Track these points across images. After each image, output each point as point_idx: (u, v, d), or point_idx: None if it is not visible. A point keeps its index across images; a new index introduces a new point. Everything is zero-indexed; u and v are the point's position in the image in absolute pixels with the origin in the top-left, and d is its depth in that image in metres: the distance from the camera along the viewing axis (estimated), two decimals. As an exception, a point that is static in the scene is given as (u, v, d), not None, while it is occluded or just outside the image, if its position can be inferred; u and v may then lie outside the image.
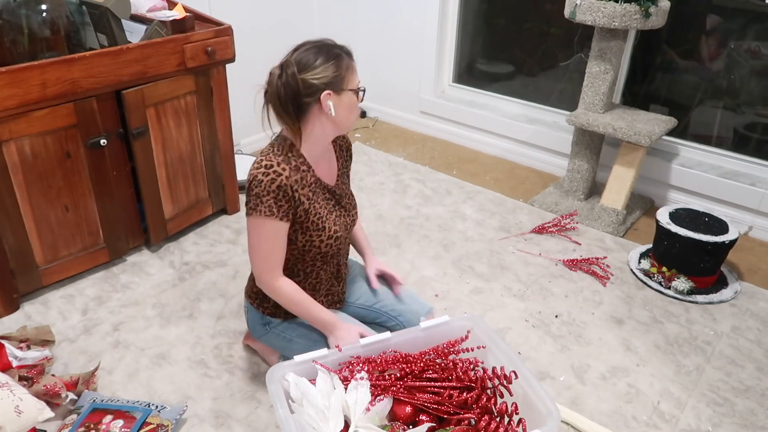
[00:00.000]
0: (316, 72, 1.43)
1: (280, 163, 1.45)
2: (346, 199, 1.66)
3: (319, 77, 1.43)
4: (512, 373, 1.35)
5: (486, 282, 2.25)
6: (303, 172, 1.51)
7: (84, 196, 2.05)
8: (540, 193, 2.91)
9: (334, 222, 1.58)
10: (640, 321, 2.08)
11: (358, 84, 1.49)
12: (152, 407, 1.59)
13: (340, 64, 1.44)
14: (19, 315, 1.99)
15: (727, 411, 1.73)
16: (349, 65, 1.46)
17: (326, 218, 1.56)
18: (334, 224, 1.58)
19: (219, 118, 2.37)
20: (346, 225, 1.65)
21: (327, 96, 1.44)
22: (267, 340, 1.71)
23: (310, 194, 1.52)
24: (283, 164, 1.46)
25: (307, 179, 1.52)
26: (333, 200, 1.61)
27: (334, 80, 1.44)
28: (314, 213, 1.53)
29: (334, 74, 1.43)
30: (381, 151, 3.34)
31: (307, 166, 1.52)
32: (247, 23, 2.90)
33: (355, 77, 1.48)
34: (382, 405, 1.32)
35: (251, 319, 1.71)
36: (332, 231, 1.57)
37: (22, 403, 1.43)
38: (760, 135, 2.66)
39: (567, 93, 3.14)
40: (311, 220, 1.53)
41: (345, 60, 1.45)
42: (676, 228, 2.20)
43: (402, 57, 3.51)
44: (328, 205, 1.59)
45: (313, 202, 1.53)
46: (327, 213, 1.57)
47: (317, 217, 1.54)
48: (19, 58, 1.89)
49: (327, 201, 1.59)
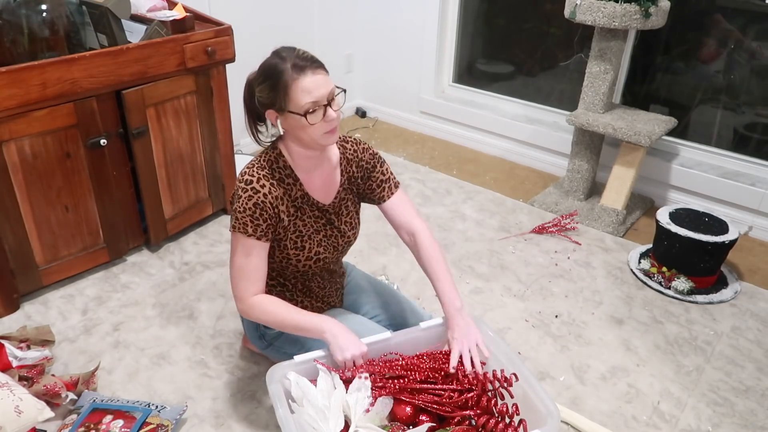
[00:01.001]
0: (259, 90, 1.38)
1: (260, 179, 1.39)
2: (343, 218, 1.55)
3: (260, 96, 1.38)
4: (513, 375, 1.35)
5: (486, 282, 2.25)
6: (288, 186, 1.44)
7: (84, 196, 2.05)
8: (540, 193, 2.91)
9: (318, 243, 1.50)
10: (640, 321, 2.08)
11: (310, 102, 1.31)
12: (152, 407, 1.59)
13: (276, 84, 1.32)
14: (19, 315, 1.99)
15: (727, 411, 1.73)
16: (291, 84, 1.31)
17: (309, 238, 1.49)
18: (318, 245, 1.50)
19: (219, 118, 2.37)
20: (337, 246, 1.55)
21: (271, 115, 1.39)
22: (270, 354, 1.69)
23: (293, 210, 1.45)
24: (264, 180, 1.39)
25: (292, 193, 1.45)
26: (323, 219, 1.52)
27: (274, 102, 1.35)
28: (293, 230, 1.46)
29: (271, 97, 1.35)
30: (381, 151, 3.34)
31: (293, 179, 1.45)
32: (247, 23, 2.90)
33: (301, 96, 1.31)
34: (382, 405, 1.32)
35: (249, 332, 1.70)
36: (313, 252, 1.50)
37: (22, 403, 1.43)
38: (760, 135, 2.66)
39: (567, 93, 3.14)
40: (289, 237, 1.46)
41: (285, 79, 1.31)
42: (676, 228, 2.20)
43: (402, 57, 3.51)
44: (315, 223, 1.50)
45: (295, 219, 1.46)
46: (312, 232, 1.49)
47: (296, 235, 1.47)
48: (19, 58, 1.89)
49: (315, 219, 1.50)
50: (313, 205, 1.49)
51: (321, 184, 1.50)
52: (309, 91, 1.31)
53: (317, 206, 1.50)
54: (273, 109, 1.37)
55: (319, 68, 1.34)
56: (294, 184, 1.45)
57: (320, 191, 1.51)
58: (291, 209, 1.45)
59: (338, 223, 1.55)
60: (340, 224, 1.55)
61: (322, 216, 1.51)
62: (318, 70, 1.33)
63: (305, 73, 1.31)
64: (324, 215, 1.52)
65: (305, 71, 1.31)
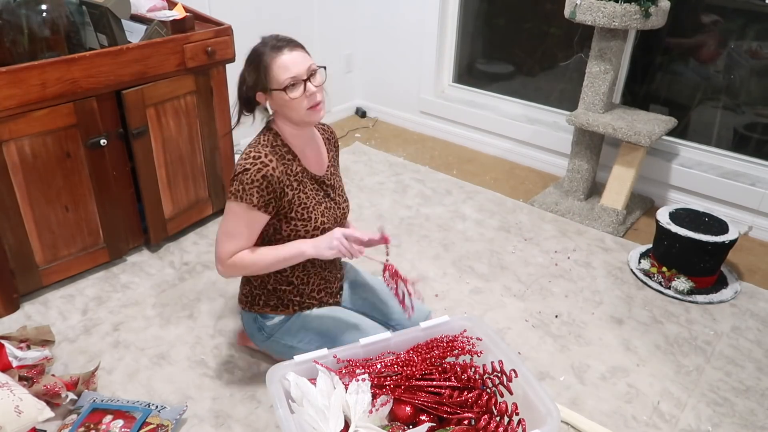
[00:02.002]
0: (247, 74, 1.48)
1: (267, 155, 1.46)
2: (336, 191, 1.65)
3: (248, 79, 1.47)
4: (512, 371, 1.36)
5: (486, 282, 2.25)
6: (288, 161, 1.52)
7: (84, 196, 2.05)
8: (540, 193, 2.91)
9: (322, 213, 1.57)
10: (640, 321, 2.08)
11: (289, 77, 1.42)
12: (152, 407, 1.59)
13: (258, 65, 1.44)
14: (19, 315, 1.99)
15: (727, 411, 1.73)
16: (270, 63, 1.43)
17: (313, 209, 1.55)
18: (322, 215, 1.57)
19: (219, 118, 2.37)
20: (336, 217, 1.63)
21: (260, 97, 1.49)
22: (269, 348, 1.70)
23: (295, 184, 1.52)
24: (270, 155, 1.47)
25: (293, 168, 1.52)
26: (322, 191, 1.60)
27: (258, 83, 1.46)
28: (299, 203, 1.52)
29: (255, 78, 1.46)
30: (381, 151, 3.34)
31: (292, 155, 1.53)
32: (247, 23, 2.90)
33: (280, 72, 1.43)
34: (382, 405, 1.32)
35: (248, 326, 1.72)
36: (319, 222, 1.56)
37: (22, 403, 1.43)
38: (760, 135, 2.66)
39: (567, 93, 3.14)
40: (295, 210, 1.52)
41: (265, 59, 1.43)
42: (676, 228, 2.20)
43: (402, 57, 3.51)
44: (316, 195, 1.58)
45: (298, 192, 1.52)
46: (315, 204, 1.56)
47: (302, 207, 1.53)
48: (19, 58, 1.89)
49: (315, 192, 1.58)
50: (312, 179, 1.58)
51: (314, 157, 1.61)
52: (287, 67, 1.42)
53: (315, 179, 1.59)
54: (260, 90, 1.47)
55: (297, 47, 1.46)
56: (294, 159, 1.53)
57: (315, 164, 1.60)
58: (294, 183, 1.52)
59: (333, 195, 1.64)
60: (335, 196, 1.64)
61: (320, 188, 1.60)
62: (295, 49, 1.45)
63: (282, 52, 1.43)
64: (321, 187, 1.60)
65: (282, 50, 1.43)
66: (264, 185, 1.44)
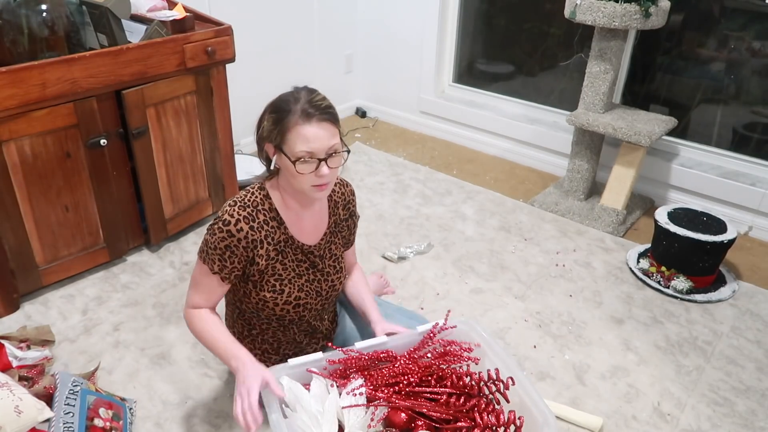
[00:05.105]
0: (266, 119, 1.36)
1: (239, 221, 1.36)
2: (327, 261, 1.52)
3: (265, 126, 1.36)
4: (509, 379, 1.34)
5: (486, 282, 2.26)
6: (271, 229, 1.41)
7: (84, 196, 2.05)
8: (540, 193, 2.91)
9: (300, 287, 1.46)
10: (640, 321, 2.08)
11: (305, 151, 1.29)
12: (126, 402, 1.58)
13: (280, 121, 1.31)
14: (19, 315, 1.99)
15: (727, 411, 1.73)
16: (291, 128, 1.29)
17: (289, 281, 1.45)
18: (300, 290, 1.46)
19: (219, 118, 2.37)
20: (320, 291, 1.51)
21: (269, 148, 1.37)
22: None
23: (273, 253, 1.42)
24: (242, 222, 1.36)
25: (274, 237, 1.41)
26: (307, 262, 1.48)
27: (272, 136, 1.34)
28: (272, 273, 1.43)
29: (270, 130, 1.33)
30: (381, 151, 3.34)
31: (278, 222, 1.42)
32: (247, 23, 2.90)
33: (297, 142, 1.28)
34: (377, 411, 1.31)
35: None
36: (293, 297, 1.46)
37: (22, 403, 1.43)
38: (760, 135, 2.66)
39: (567, 93, 3.14)
40: (266, 280, 1.43)
41: (289, 121, 1.29)
42: (674, 228, 2.20)
43: (402, 57, 3.51)
44: (297, 267, 1.47)
45: (274, 262, 1.43)
46: (293, 276, 1.46)
47: (275, 278, 1.44)
48: (19, 58, 1.89)
49: (297, 263, 1.47)
50: (297, 249, 1.46)
51: (309, 224, 1.48)
52: (307, 139, 1.28)
53: (301, 249, 1.47)
54: (271, 143, 1.35)
55: (327, 120, 1.31)
56: (278, 227, 1.42)
57: (307, 233, 1.48)
58: (271, 253, 1.42)
59: (322, 266, 1.51)
60: (324, 266, 1.52)
61: (305, 259, 1.48)
62: (324, 123, 1.30)
63: (310, 122, 1.28)
64: (308, 258, 1.48)
65: (311, 119, 1.28)
66: (226, 255, 1.36)
